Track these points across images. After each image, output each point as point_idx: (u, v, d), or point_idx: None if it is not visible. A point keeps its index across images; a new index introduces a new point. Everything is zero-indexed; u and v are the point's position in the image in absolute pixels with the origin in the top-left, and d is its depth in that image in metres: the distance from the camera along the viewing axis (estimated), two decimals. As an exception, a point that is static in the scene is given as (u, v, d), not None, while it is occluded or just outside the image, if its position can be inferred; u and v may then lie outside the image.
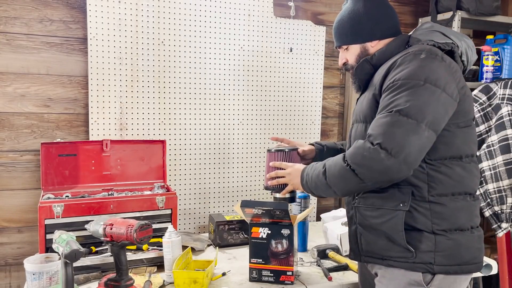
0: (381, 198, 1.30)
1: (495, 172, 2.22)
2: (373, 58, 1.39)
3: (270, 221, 1.58)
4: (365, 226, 1.35)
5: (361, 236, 1.37)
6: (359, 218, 1.36)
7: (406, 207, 1.26)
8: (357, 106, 1.44)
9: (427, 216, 1.26)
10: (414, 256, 1.26)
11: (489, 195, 2.27)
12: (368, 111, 1.33)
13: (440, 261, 1.25)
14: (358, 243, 1.39)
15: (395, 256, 1.29)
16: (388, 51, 1.38)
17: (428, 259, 1.25)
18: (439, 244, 1.26)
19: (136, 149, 2.05)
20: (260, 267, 1.62)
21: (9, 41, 1.97)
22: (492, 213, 2.29)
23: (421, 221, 1.26)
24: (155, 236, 1.70)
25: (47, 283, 1.50)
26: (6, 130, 2.00)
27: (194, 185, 2.29)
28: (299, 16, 2.47)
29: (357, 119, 1.41)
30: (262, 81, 2.39)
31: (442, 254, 1.25)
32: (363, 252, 1.38)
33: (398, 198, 1.27)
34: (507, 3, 2.85)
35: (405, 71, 1.24)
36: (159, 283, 1.59)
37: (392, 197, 1.28)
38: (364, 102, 1.36)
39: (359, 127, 1.38)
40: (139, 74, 2.14)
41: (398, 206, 1.27)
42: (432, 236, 1.26)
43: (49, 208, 1.66)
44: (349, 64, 1.48)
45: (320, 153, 1.67)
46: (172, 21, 2.17)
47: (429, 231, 1.26)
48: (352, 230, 1.42)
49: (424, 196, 1.27)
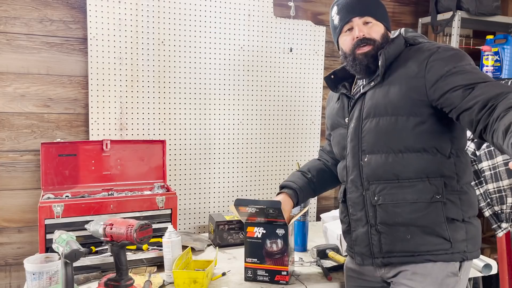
0: (414, 192, 1.29)
1: (495, 172, 2.22)
2: (389, 51, 1.33)
3: (265, 220, 1.59)
4: (392, 225, 1.31)
5: (382, 236, 1.32)
6: (382, 217, 1.32)
7: (443, 198, 1.28)
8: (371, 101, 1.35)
9: (458, 205, 1.29)
10: (451, 247, 1.28)
11: (489, 195, 2.27)
12: (401, 103, 1.28)
13: (470, 248, 1.30)
14: (373, 244, 1.34)
15: (433, 249, 1.28)
16: (397, 48, 1.36)
17: (463, 247, 1.29)
18: (468, 231, 1.30)
19: (136, 149, 2.05)
20: (255, 266, 1.62)
21: (9, 41, 1.97)
22: (492, 213, 2.29)
23: (454, 211, 1.29)
24: (155, 236, 1.70)
25: (47, 283, 1.50)
26: (6, 130, 2.00)
27: (194, 185, 2.29)
28: (299, 16, 2.47)
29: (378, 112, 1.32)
30: (262, 81, 2.39)
31: (471, 241, 1.30)
32: (382, 253, 1.33)
33: (431, 190, 1.28)
34: (507, 3, 2.85)
35: (455, 58, 1.26)
36: (159, 283, 1.59)
37: (425, 190, 1.28)
38: (392, 95, 1.30)
39: (385, 120, 1.31)
40: (139, 74, 2.14)
41: (433, 198, 1.28)
42: (463, 224, 1.29)
43: (49, 208, 1.66)
44: (373, 39, 1.35)
45: (297, 197, 1.59)
46: (172, 21, 2.17)
47: (460, 220, 1.29)
48: (362, 232, 1.37)
49: (454, 186, 1.29)
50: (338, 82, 1.51)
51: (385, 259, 1.33)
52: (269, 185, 2.46)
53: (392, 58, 1.34)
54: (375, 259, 1.35)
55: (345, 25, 1.38)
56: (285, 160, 2.48)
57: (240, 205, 1.57)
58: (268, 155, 2.44)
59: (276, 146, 2.45)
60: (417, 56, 1.31)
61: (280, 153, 2.47)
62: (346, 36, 1.39)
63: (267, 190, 2.45)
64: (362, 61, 1.35)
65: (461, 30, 2.52)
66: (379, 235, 1.33)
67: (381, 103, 1.32)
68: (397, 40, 1.38)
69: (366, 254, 1.37)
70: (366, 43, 1.35)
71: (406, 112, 1.28)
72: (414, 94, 1.27)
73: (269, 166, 2.45)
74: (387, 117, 1.31)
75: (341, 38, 1.41)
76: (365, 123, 1.35)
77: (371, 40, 1.35)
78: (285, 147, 2.47)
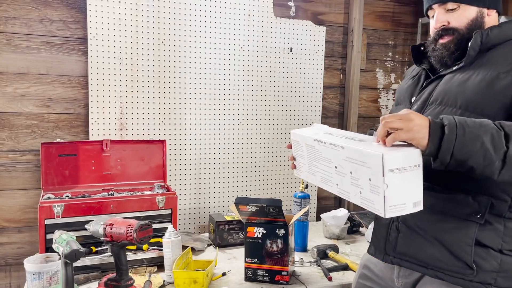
0: (451, 202, 1.13)
1: None
2: (489, 35, 1.15)
3: (265, 220, 1.58)
4: (411, 226, 1.18)
5: (399, 235, 1.21)
6: (405, 216, 1.16)
7: (481, 220, 1.09)
8: (444, 85, 1.18)
9: (499, 233, 1.10)
10: (473, 274, 1.11)
11: None
12: (477, 97, 1.10)
13: (501, 282, 1.11)
14: (389, 239, 1.24)
15: (449, 270, 1.13)
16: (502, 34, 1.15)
17: (489, 279, 1.11)
18: (504, 264, 1.11)
19: (136, 149, 2.05)
20: (255, 266, 1.62)
21: (9, 41, 1.97)
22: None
23: (491, 238, 1.10)
24: (155, 236, 1.70)
25: (47, 283, 1.50)
26: (6, 130, 2.00)
27: (194, 185, 2.29)
28: (299, 16, 2.47)
29: (446, 101, 1.15)
30: (262, 81, 2.39)
31: (504, 275, 1.11)
32: (395, 252, 1.23)
33: (471, 207, 1.10)
34: (507, 3, 2.85)
35: None
36: (159, 283, 1.59)
37: (463, 204, 1.11)
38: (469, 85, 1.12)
39: (449, 112, 1.13)
40: (139, 74, 2.14)
41: (470, 217, 1.10)
42: (498, 255, 1.11)
43: (49, 208, 1.66)
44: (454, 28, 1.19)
45: None
46: (172, 21, 2.17)
47: (496, 249, 1.11)
48: (383, 223, 1.26)
49: (503, 211, 1.10)
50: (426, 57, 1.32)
51: (396, 259, 1.24)
52: (269, 185, 2.46)
53: (490, 44, 1.15)
54: (387, 255, 1.25)
55: (428, 11, 1.27)
56: (285, 160, 2.48)
57: (240, 203, 1.57)
58: (268, 155, 2.44)
59: (276, 146, 2.45)
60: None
61: (280, 153, 2.47)
62: (430, 21, 1.26)
63: (267, 190, 2.45)
64: (442, 52, 1.21)
65: (461, 30, 2.51)
66: (397, 233, 1.22)
67: (453, 91, 1.15)
68: (507, 25, 1.17)
69: (380, 247, 1.27)
70: (446, 33, 1.20)
71: (477, 109, 1.09)
72: (496, 93, 1.08)
73: (269, 166, 2.45)
74: (453, 109, 1.13)
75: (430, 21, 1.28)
76: (429, 109, 1.18)
77: (451, 29, 1.19)
78: (285, 147, 2.47)
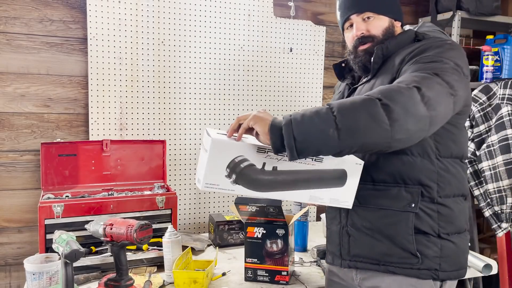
0: (387, 198, 1.20)
1: (495, 172, 2.22)
2: (388, 47, 1.26)
3: (265, 220, 1.58)
4: (359, 228, 1.25)
5: (350, 239, 1.27)
6: (352, 219, 1.26)
7: (416, 209, 1.17)
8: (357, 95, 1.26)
9: (434, 219, 1.19)
10: (419, 262, 1.18)
11: (489, 195, 2.28)
12: None
13: (444, 267, 1.19)
14: (342, 245, 1.30)
15: (397, 261, 1.20)
16: (400, 42, 1.26)
17: (434, 265, 1.18)
18: (444, 249, 1.19)
19: (136, 149, 2.05)
20: (255, 266, 1.62)
21: (9, 41, 1.97)
22: (492, 213, 2.29)
23: (428, 224, 1.19)
24: (155, 236, 1.70)
25: (47, 283, 1.50)
26: (6, 130, 2.00)
27: (194, 185, 2.29)
28: (299, 16, 2.47)
29: None
30: (262, 81, 2.39)
31: (446, 259, 1.19)
32: (350, 256, 1.28)
33: (406, 198, 1.19)
34: (507, 3, 2.85)
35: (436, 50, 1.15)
36: (159, 283, 1.59)
37: (399, 197, 1.19)
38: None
39: None
40: (139, 74, 2.14)
41: (406, 207, 1.18)
42: (438, 240, 1.19)
43: (49, 208, 1.65)
44: (373, 35, 1.28)
45: None
46: (172, 21, 2.17)
47: (435, 235, 1.19)
48: (334, 231, 1.32)
49: (433, 197, 1.19)
50: (348, 72, 1.43)
51: (352, 262, 1.28)
52: (269, 185, 2.45)
53: (390, 54, 1.25)
54: (343, 260, 1.30)
55: (345, 22, 1.33)
56: (285, 160, 2.47)
57: (240, 203, 1.57)
58: (268, 155, 2.44)
59: (276, 146, 2.45)
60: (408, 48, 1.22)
61: (280, 153, 2.46)
62: (348, 33, 1.34)
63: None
64: (363, 58, 1.29)
65: (461, 30, 2.52)
66: (348, 237, 1.28)
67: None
68: (402, 35, 1.29)
69: (336, 254, 1.32)
70: (366, 41, 1.29)
71: None
72: None
73: (269, 166, 2.44)
74: None
75: (345, 35, 1.36)
76: None
77: (370, 37, 1.28)
78: (285, 147, 2.47)
